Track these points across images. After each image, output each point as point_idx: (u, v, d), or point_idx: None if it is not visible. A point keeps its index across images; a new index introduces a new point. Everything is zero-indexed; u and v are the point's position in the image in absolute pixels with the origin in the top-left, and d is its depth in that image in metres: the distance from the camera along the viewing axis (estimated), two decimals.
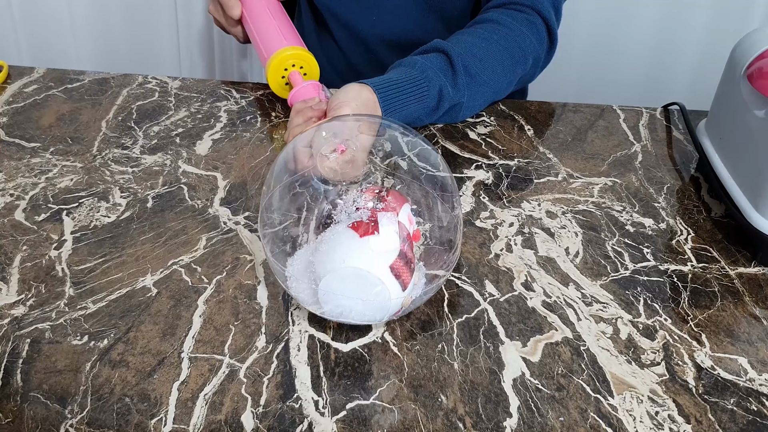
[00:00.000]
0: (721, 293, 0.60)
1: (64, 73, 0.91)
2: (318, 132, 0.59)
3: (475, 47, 0.79)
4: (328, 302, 0.51)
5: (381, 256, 0.50)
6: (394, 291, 0.50)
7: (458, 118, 0.82)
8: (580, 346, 0.54)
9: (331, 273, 0.50)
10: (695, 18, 1.33)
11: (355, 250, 0.50)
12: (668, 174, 0.76)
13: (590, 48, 1.37)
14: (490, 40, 0.80)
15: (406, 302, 0.52)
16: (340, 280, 0.50)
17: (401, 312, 0.53)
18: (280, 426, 0.47)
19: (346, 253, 0.50)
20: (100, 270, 0.59)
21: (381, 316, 0.52)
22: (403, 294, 0.51)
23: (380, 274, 0.50)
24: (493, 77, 0.80)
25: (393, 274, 0.50)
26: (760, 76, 0.64)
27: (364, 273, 0.50)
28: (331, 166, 0.56)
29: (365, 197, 0.53)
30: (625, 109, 0.88)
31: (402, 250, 0.51)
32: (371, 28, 0.95)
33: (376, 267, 0.50)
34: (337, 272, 0.50)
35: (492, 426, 0.47)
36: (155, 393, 0.49)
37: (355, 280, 0.50)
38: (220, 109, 0.84)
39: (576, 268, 0.62)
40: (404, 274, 0.51)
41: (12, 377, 0.50)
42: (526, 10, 0.84)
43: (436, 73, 0.75)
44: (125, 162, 0.74)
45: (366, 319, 0.52)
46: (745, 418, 0.49)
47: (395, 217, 0.52)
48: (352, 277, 0.50)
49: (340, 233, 0.52)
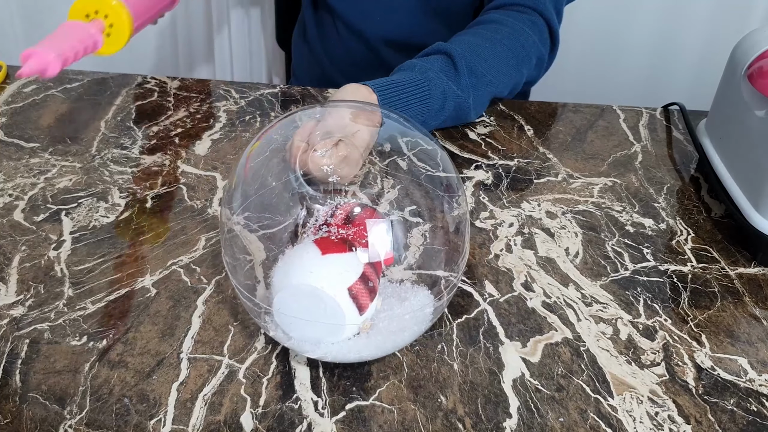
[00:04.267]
0: (721, 293, 0.60)
1: (63, 73, 0.91)
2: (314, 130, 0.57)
3: (478, 47, 0.78)
4: (280, 321, 0.49)
5: (339, 276, 0.47)
6: (350, 314, 0.47)
7: (467, 119, 0.81)
8: (580, 346, 0.54)
9: (285, 289, 0.48)
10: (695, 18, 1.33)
11: (314, 267, 0.48)
12: (668, 174, 0.76)
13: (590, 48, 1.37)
14: (493, 40, 0.80)
15: (365, 327, 0.49)
16: (293, 297, 0.47)
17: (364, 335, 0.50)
18: (279, 427, 0.47)
19: (304, 270, 0.47)
20: (99, 270, 0.59)
21: (334, 338, 0.49)
22: (359, 318, 0.48)
23: (335, 295, 0.46)
24: (498, 77, 0.79)
25: (350, 296, 0.47)
26: (761, 76, 0.64)
27: (317, 291, 0.46)
28: (324, 164, 0.54)
29: (339, 213, 0.50)
30: (625, 110, 0.88)
31: (364, 273, 0.48)
32: (375, 27, 0.95)
33: (331, 287, 0.47)
34: (290, 288, 0.47)
35: (492, 427, 0.47)
36: (154, 393, 0.49)
37: (309, 299, 0.47)
38: (219, 109, 0.84)
39: (576, 268, 0.62)
40: (363, 297, 0.48)
41: (11, 378, 0.49)
42: (528, 11, 0.83)
43: (437, 74, 0.74)
44: (124, 162, 0.74)
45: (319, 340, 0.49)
46: (745, 419, 0.49)
47: (364, 239, 0.49)
48: (306, 295, 0.47)
49: (302, 248, 0.49)
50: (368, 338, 0.49)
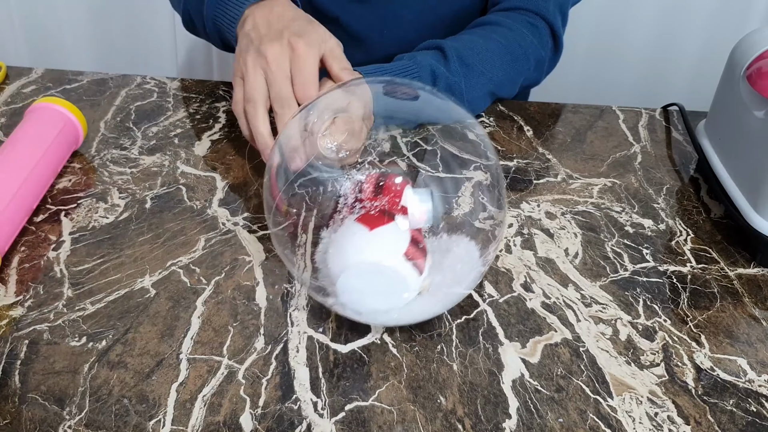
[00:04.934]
0: (721, 294, 0.60)
1: (62, 73, 0.91)
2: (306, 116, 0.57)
3: (471, 42, 0.79)
4: (346, 300, 0.51)
5: (392, 246, 0.50)
6: (410, 278, 0.50)
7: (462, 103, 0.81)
8: (580, 347, 0.54)
9: (347, 270, 0.50)
10: (694, 19, 1.33)
11: (366, 244, 0.50)
12: (667, 175, 0.76)
13: (589, 48, 1.37)
14: (488, 38, 0.80)
15: (425, 287, 0.52)
16: (355, 276, 0.50)
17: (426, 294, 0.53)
18: (278, 427, 0.47)
19: (357, 249, 0.50)
20: (99, 271, 0.59)
21: (400, 304, 0.51)
22: (419, 280, 0.51)
23: (393, 264, 0.49)
24: (491, 69, 0.79)
25: (407, 261, 0.50)
26: (760, 77, 0.64)
27: (377, 266, 0.49)
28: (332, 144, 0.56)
29: (366, 188, 0.52)
30: (624, 110, 0.88)
31: (412, 236, 0.50)
32: (378, 38, 0.94)
33: (388, 258, 0.49)
34: (350, 269, 0.50)
35: (491, 427, 0.47)
36: (154, 394, 0.49)
37: (370, 275, 0.50)
38: (218, 109, 0.84)
39: (575, 269, 0.62)
40: (418, 259, 0.50)
41: (10, 378, 0.49)
42: (529, 14, 0.83)
43: (425, 58, 0.75)
44: (124, 163, 0.73)
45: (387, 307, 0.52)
46: (745, 419, 0.49)
47: (397, 205, 0.51)
48: (366, 272, 0.50)
49: (348, 229, 0.51)
50: (431, 296, 0.52)
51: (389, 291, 0.50)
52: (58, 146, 0.69)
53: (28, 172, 0.64)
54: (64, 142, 0.71)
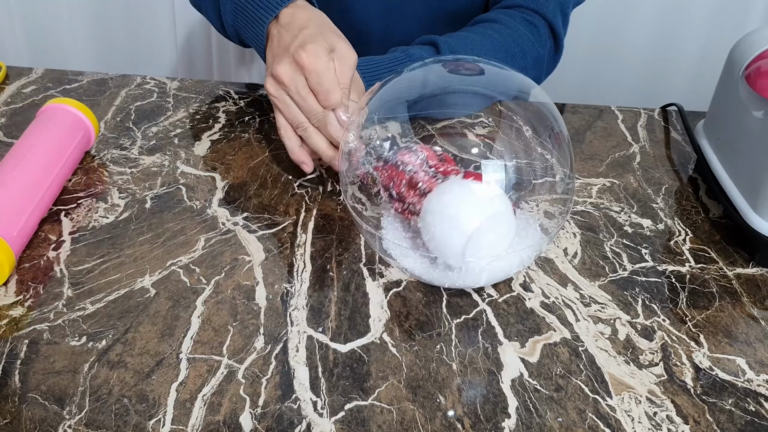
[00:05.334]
0: (719, 294, 0.60)
1: (62, 73, 0.91)
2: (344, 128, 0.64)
3: (465, 39, 0.79)
4: (476, 254, 0.54)
5: (496, 191, 0.55)
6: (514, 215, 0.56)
7: None
8: (579, 346, 0.54)
9: (477, 229, 0.53)
10: (694, 19, 1.33)
11: (488, 197, 0.55)
12: (666, 175, 0.76)
13: (589, 49, 1.37)
14: (483, 34, 0.80)
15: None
16: (485, 233, 0.53)
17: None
18: (278, 427, 0.47)
19: (476, 206, 0.54)
20: (99, 271, 0.59)
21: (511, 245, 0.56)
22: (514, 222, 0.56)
23: (510, 206, 0.55)
24: None
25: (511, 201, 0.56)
26: (759, 77, 0.64)
27: (502, 214, 0.54)
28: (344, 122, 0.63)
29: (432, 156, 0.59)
30: (623, 110, 0.88)
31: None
32: (383, 32, 0.94)
33: (504, 202, 0.55)
34: (483, 224, 0.53)
35: (491, 427, 0.47)
36: (153, 394, 0.49)
37: (495, 226, 0.54)
38: (218, 109, 0.84)
39: (574, 268, 0.62)
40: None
41: (10, 378, 0.49)
42: (528, 12, 0.83)
43: (418, 52, 0.76)
44: (123, 163, 0.74)
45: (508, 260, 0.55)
46: (743, 419, 0.49)
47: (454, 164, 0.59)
48: (493, 226, 0.53)
49: (452, 188, 0.55)
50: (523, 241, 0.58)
51: (507, 236, 0.55)
52: (78, 154, 0.71)
53: (51, 180, 0.65)
54: (82, 148, 0.72)
